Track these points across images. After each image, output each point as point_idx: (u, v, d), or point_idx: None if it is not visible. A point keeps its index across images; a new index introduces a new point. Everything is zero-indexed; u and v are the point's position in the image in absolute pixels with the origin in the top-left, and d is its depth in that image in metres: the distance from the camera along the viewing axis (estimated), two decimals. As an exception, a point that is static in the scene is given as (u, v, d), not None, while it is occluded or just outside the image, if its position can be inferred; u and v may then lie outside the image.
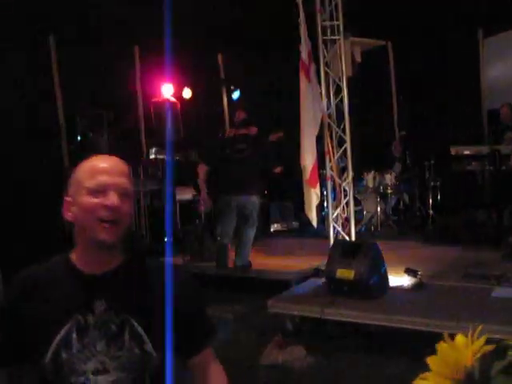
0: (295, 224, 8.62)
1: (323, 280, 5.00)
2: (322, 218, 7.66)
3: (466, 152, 7.18)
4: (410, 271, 5.03)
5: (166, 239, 1.64)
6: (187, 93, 8.99)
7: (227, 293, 6.01)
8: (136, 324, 1.48)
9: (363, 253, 4.60)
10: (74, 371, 1.43)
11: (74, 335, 1.44)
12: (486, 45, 9.10)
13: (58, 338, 1.44)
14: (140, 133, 9.15)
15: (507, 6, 7.74)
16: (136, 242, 7.36)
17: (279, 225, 8.72)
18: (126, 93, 8.87)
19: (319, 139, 6.23)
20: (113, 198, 1.46)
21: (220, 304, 5.73)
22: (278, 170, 7.27)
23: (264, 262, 6.41)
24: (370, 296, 4.53)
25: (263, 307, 4.96)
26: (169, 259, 1.57)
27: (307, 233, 7.56)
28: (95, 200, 1.46)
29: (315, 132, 5.89)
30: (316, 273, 5.53)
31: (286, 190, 8.90)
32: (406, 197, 8.52)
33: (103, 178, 1.48)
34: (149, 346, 1.48)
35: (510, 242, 6.35)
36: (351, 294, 4.56)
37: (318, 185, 5.95)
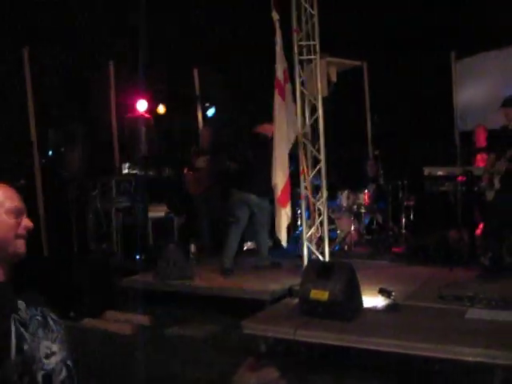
0: (269, 242, 8.54)
1: (297, 301, 4.96)
2: (296, 237, 7.64)
3: (439, 173, 7.26)
4: (383, 292, 5.01)
5: (137, 257, 1.67)
6: (161, 108, 8.94)
7: (199, 312, 5.93)
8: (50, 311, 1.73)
9: (337, 274, 4.57)
10: (34, 359, 1.59)
11: (22, 329, 1.60)
12: (458, 67, 9.24)
13: (13, 334, 1.57)
14: (113, 148, 9.05)
15: (479, 30, 7.90)
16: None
17: (252, 243, 8.64)
18: (99, 107, 8.79)
19: (293, 158, 6.25)
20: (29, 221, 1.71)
21: (192, 323, 5.66)
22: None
23: (237, 281, 6.33)
24: (345, 317, 4.50)
25: (236, 327, 4.90)
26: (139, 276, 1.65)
27: (281, 252, 7.50)
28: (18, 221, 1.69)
29: (287, 150, 5.90)
30: (290, 293, 5.49)
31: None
32: (379, 216, 8.54)
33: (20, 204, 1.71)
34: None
35: (482, 262, 6.40)
36: (325, 315, 4.52)
37: (289, 204, 5.94)
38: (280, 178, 5.95)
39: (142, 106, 8.45)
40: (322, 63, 6.19)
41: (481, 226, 6.83)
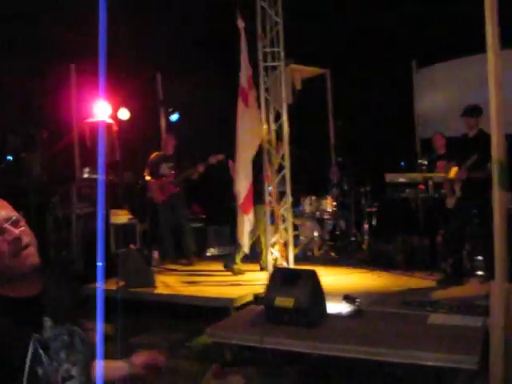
0: (232, 248, 8.51)
1: (262, 307, 4.94)
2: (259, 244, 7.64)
3: (400, 179, 7.36)
4: (348, 298, 5.04)
5: (98, 264, 1.63)
6: (124, 113, 8.81)
7: (164, 320, 5.86)
8: (79, 330, 1.68)
9: (302, 281, 4.57)
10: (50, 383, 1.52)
11: (41, 351, 1.53)
12: (418, 76, 9.40)
13: (29, 357, 1.50)
14: (74, 153, 8.89)
15: (439, 40, 8.06)
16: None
17: (216, 249, 8.62)
18: (60, 112, 8.62)
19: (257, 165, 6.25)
20: (14, 233, 1.60)
21: (157, 331, 5.58)
22: (214, 159, 7.22)
23: (201, 288, 6.28)
24: (310, 324, 4.50)
25: (201, 335, 4.85)
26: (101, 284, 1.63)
27: (245, 258, 7.49)
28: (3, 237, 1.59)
29: (251, 157, 5.89)
30: (255, 300, 5.47)
31: (224, 214, 8.84)
32: (342, 222, 8.61)
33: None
34: None
35: (443, 267, 6.50)
36: (291, 322, 4.52)
37: (252, 211, 5.94)
38: (243, 185, 5.94)
39: (104, 110, 8.32)
40: (286, 70, 6.22)
41: (442, 232, 6.94)
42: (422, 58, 9.12)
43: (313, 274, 4.72)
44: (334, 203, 8.30)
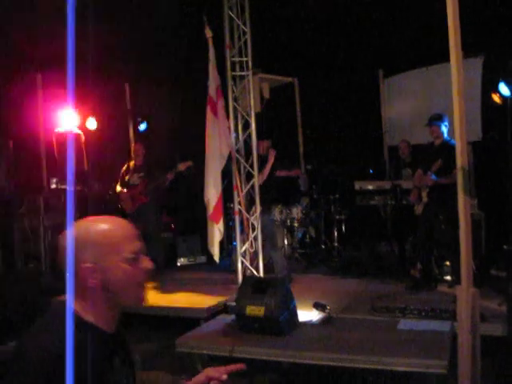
0: (203, 258, 8.50)
1: (233, 317, 4.93)
2: (230, 252, 7.63)
3: (369, 187, 7.44)
4: (318, 305, 5.05)
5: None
6: (92, 123, 8.73)
7: (135, 331, 5.78)
8: (133, 374, 1.65)
9: (273, 289, 4.57)
10: None
11: None
12: (386, 84, 9.52)
13: None
14: (41, 163, 8.77)
15: (406, 49, 8.18)
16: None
17: (186, 259, 8.57)
18: (27, 121, 8.49)
19: (227, 174, 6.25)
20: (150, 262, 1.58)
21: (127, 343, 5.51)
22: (183, 166, 7.17)
23: (172, 298, 6.24)
24: (281, 332, 4.50)
25: (171, 346, 4.81)
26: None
27: (215, 267, 7.47)
28: (138, 266, 1.53)
29: (220, 167, 5.90)
30: (225, 309, 5.45)
31: (194, 223, 8.81)
32: (312, 230, 8.66)
33: (139, 244, 1.56)
34: None
35: (412, 274, 6.58)
36: (261, 330, 4.51)
37: (222, 220, 5.94)
38: (212, 194, 5.94)
39: (71, 120, 8.24)
40: (254, 79, 6.25)
41: (411, 238, 7.03)
42: (388, 66, 9.23)
43: (283, 281, 4.73)
44: (304, 211, 8.33)
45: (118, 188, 7.78)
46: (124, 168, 7.88)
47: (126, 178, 7.80)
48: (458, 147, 3.60)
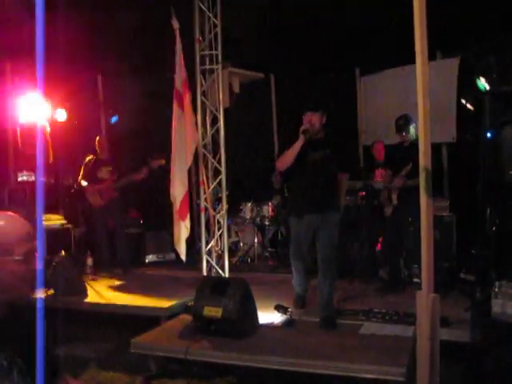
0: (172, 255, 8.31)
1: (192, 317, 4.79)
2: (198, 250, 7.47)
3: (341, 186, 7.31)
4: (279, 308, 4.93)
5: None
6: (62, 114, 8.51)
7: (94, 330, 5.62)
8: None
9: (232, 290, 4.44)
10: None
11: None
12: (362, 83, 9.41)
13: None
14: (8, 154, 8.56)
15: (383, 48, 8.09)
16: None
17: (155, 256, 8.39)
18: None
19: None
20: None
21: (84, 342, 5.35)
22: (156, 163, 7.00)
23: (134, 296, 6.07)
24: (239, 335, 4.38)
25: (129, 346, 4.66)
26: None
27: (184, 265, 7.31)
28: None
29: (188, 162, 5.74)
30: (185, 309, 5.30)
31: (163, 219, 8.63)
32: (283, 229, 8.52)
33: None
34: None
35: (381, 275, 6.50)
36: (219, 332, 4.39)
37: (188, 217, 5.78)
38: (179, 191, 5.78)
39: (40, 112, 8.02)
40: (224, 73, 6.10)
41: (380, 240, 6.93)
42: (365, 65, 9.13)
43: (243, 283, 4.59)
44: (276, 210, 8.19)
45: (85, 182, 7.58)
46: (91, 161, 7.68)
47: (95, 172, 7.61)
48: (422, 148, 3.48)
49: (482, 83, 6.05)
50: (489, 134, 4.64)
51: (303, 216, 5.09)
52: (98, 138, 7.80)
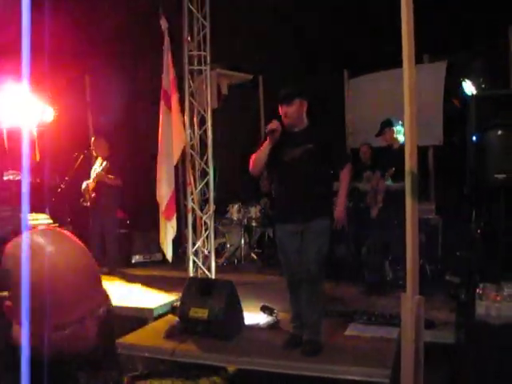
0: (158, 256, 8.29)
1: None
2: (184, 251, 7.47)
3: (327, 188, 7.33)
4: (266, 309, 4.94)
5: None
6: (49, 115, 8.46)
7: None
8: None
9: (218, 291, 4.45)
10: None
11: None
12: (350, 85, 9.45)
13: None
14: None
15: (371, 50, 8.14)
16: None
17: (141, 256, 8.36)
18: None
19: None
20: None
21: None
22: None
23: (121, 296, 6.04)
24: (225, 336, 4.38)
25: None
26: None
27: (171, 265, 7.29)
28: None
29: (174, 163, 5.74)
30: (172, 310, 5.30)
31: (150, 219, 8.60)
32: (270, 230, 8.52)
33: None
34: None
35: (367, 277, 6.52)
36: (205, 333, 4.39)
37: (175, 217, 5.78)
38: (166, 191, 5.78)
39: (27, 111, 7.95)
40: (212, 74, 6.10)
41: (367, 242, 6.96)
42: (353, 68, 9.17)
43: (229, 284, 4.60)
44: (263, 211, 8.20)
45: (85, 183, 7.58)
46: (81, 160, 7.65)
47: (91, 171, 7.61)
48: (407, 151, 3.51)
49: (468, 87, 6.10)
50: (474, 138, 4.69)
51: (284, 224, 4.36)
52: (93, 138, 7.77)
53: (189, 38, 6.08)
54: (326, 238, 4.26)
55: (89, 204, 7.53)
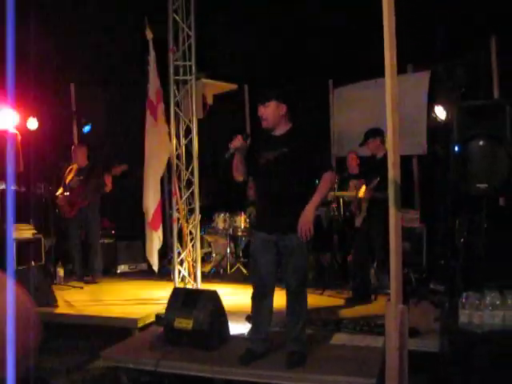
0: (144, 265, 8.26)
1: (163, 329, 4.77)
2: (170, 260, 7.45)
3: (313, 197, 7.35)
4: (251, 319, 4.92)
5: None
6: (33, 123, 8.41)
7: (63, 341, 5.54)
8: None
9: (203, 302, 4.44)
10: None
11: None
12: (335, 94, 9.50)
13: None
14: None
15: (356, 60, 8.19)
16: None
17: (127, 266, 8.33)
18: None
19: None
20: None
21: (55, 353, 5.26)
22: (118, 169, 6.93)
23: (105, 307, 6.02)
24: (210, 346, 4.37)
25: (100, 357, 4.62)
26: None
27: (156, 275, 7.26)
28: None
29: (160, 173, 5.75)
30: (157, 321, 5.27)
31: (136, 229, 8.58)
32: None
33: None
34: None
35: (352, 286, 6.54)
36: (190, 344, 4.37)
37: (161, 228, 5.78)
38: (152, 201, 5.77)
39: (9, 119, 7.90)
40: (197, 84, 6.11)
41: (352, 250, 6.98)
42: (338, 77, 9.23)
43: (214, 294, 4.59)
44: (248, 220, 8.19)
45: (59, 192, 7.52)
46: (66, 171, 7.62)
47: (67, 181, 7.54)
48: (390, 160, 3.53)
49: (440, 112, 6.23)
50: (457, 148, 4.74)
51: (258, 232, 4.21)
52: (73, 146, 7.73)
53: (174, 48, 6.09)
54: (303, 252, 4.04)
55: (67, 215, 7.47)
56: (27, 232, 7.55)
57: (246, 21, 8.20)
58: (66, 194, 7.47)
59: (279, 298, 4.39)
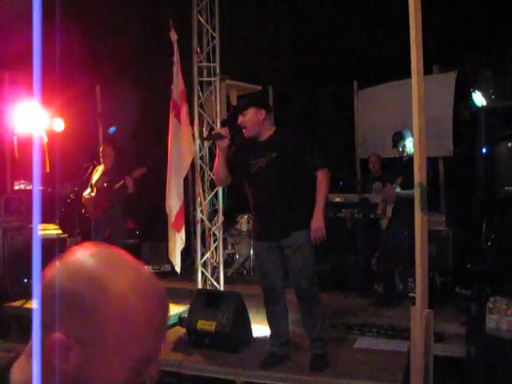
0: (167, 266, 8.28)
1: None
2: (193, 262, 7.45)
3: (337, 199, 7.32)
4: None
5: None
6: (59, 124, 8.51)
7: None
8: None
9: (226, 304, 4.43)
10: None
11: None
12: (360, 96, 9.43)
13: None
14: (5, 164, 8.54)
15: (381, 61, 8.13)
16: None
17: (150, 267, 8.36)
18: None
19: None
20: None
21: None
22: (138, 172, 6.94)
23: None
24: (232, 348, 4.36)
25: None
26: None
27: (180, 276, 7.26)
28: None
29: (183, 174, 5.75)
30: (180, 322, 5.27)
31: (160, 230, 8.60)
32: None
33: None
34: None
35: (376, 289, 6.48)
36: (212, 346, 4.37)
37: (183, 229, 5.77)
38: (175, 203, 5.77)
39: (36, 121, 8.02)
40: (221, 86, 6.10)
41: (376, 253, 6.92)
42: (363, 78, 9.16)
43: (237, 296, 4.58)
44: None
45: (85, 192, 7.58)
46: (91, 171, 7.67)
47: (93, 181, 7.59)
48: (417, 163, 3.48)
49: (479, 98, 6.07)
50: (484, 150, 4.65)
51: (259, 241, 4.22)
52: (101, 147, 7.78)
53: (198, 50, 6.09)
54: (307, 250, 4.05)
55: (92, 215, 7.52)
56: (52, 231, 7.62)
57: (271, 22, 8.17)
58: (92, 194, 7.51)
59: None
